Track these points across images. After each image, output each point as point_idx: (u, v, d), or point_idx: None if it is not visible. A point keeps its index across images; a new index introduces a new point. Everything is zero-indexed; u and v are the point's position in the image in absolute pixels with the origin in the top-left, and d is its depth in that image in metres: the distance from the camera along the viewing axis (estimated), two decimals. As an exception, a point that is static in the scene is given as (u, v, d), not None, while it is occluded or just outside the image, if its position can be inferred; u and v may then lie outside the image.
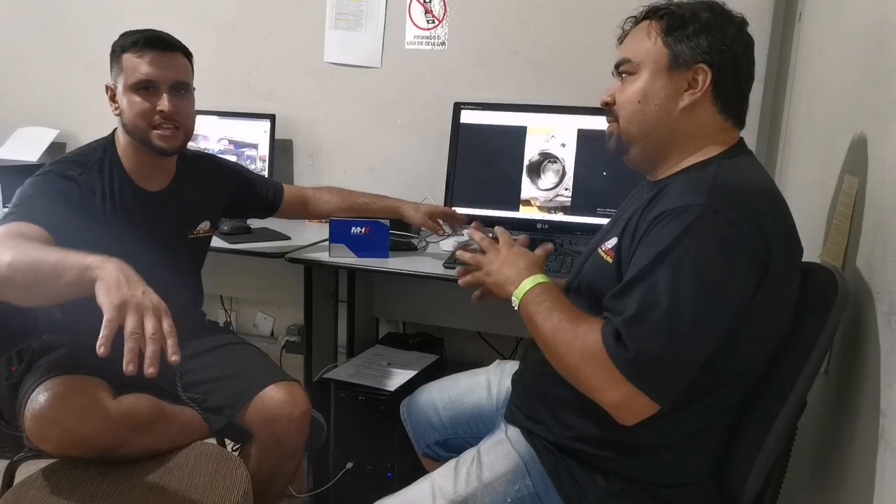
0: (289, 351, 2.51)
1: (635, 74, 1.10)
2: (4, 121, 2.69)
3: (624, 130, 1.12)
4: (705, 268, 0.94)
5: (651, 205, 1.04)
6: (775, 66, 1.95)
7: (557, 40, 2.14)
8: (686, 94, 1.06)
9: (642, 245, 1.00)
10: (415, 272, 1.79)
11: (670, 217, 0.97)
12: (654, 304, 0.94)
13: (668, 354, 0.94)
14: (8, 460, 1.42)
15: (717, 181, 1.00)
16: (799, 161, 1.67)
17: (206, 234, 1.65)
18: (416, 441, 1.50)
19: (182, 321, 1.58)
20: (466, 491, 1.12)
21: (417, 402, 1.50)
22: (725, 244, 0.94)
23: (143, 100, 1.43)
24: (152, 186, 1.53)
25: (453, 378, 1.52)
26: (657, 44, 1.08)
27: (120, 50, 1.45)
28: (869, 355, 1.00)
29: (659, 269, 0.95)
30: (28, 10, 2.70)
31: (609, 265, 1.08)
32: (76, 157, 1.46)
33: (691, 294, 0.93)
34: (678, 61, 1.06)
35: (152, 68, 1.43)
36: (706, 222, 0.94)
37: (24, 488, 1.23)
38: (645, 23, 1.11)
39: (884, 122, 1.03)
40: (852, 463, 1.02)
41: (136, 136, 1.46)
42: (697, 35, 1.05)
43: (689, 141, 1.09)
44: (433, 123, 2.26)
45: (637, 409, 0.97)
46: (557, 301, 1.08)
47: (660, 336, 0.93)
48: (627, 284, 0.99)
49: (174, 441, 1.37)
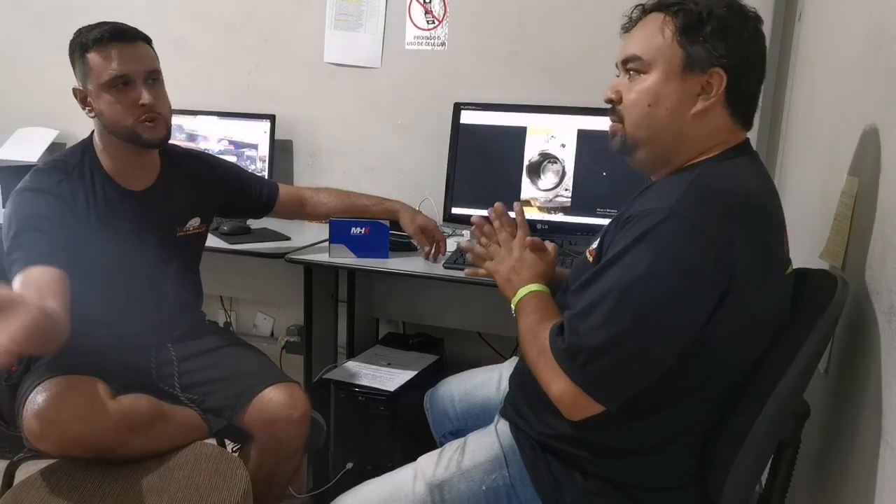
0: (289, 351, 2.51)
1: (645, 74, 1.04)
2: (4, 121, 2.69)
3: (630, 133, 1.07)
4: (655, 276, 0.93)
5: (631, 206, 1.03)
6: (775, 66, 1.94)
7: (557, 40, 2.14)
8: (699, 99, 1.01)
9: (609, 247, 1.01)
10: (415, 272, 1.79)
11: (636, 220, 0.96)
12: (598, 304, 0.95)
13: (606, 353, 0.95)
14: (8, 460, 1.43)
15: (693, 185, 0.97)
16: (799, 161, 1.67)
17: (196, 230, 1.63)
18: (434, 430, 1.53)
19: (181, 321, 1.60)
20: (444, 475, 1.14)
21: (438, 392, 1.53)
22: (682, 253, 0.92)
23: (120, 96, 1.40)
24: (136, 185, 1.51)
25: (474, 371, 1.55)
26: (671, 42, 1.01)
27: (81, 49, 1.41)
28: (869, 355, 0.99)
29: (611, 271, 0.96)
30: (28, 10, 2.70)
31: (590, 264, 1.07)
32: (55, 164, 1.44)
33: (635, 300, 0.93)
34: (693, 64, 1.00)
35: (123, 63, 1.39)
36: (667, 229, 0.92)
37: (24, 488, 1.23)
38: (657, 16, 1.04)
39: (884, 123, 1.03)
40: (853, 463, 1.02)
41: (122, 133, 1.43)
42: (714, 37, 0.99)
43: (697, 144, 1.05)
44: (433, 123, 2.25)
45: (578, 405, 0.98)
46: (540, 306, 1.12)
47: (596, 334, 0.95)
48: (583, 283, 1.01)
49: (173, 442, 1.37)
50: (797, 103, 1.78)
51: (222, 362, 1.55)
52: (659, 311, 0.93)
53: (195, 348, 1.57)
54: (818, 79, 1.55)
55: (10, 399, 1.39)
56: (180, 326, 1.59)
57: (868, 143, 1.09)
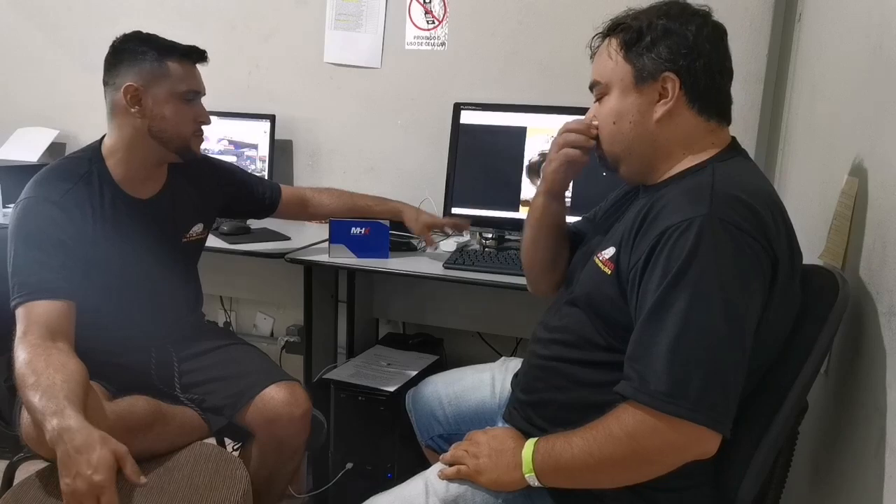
0: (289, 351, 2.51)
1: (607, 95, 1.11)
2: (4, 121, 2.69)
3: (607, 151, 1.13)
4: (725, 285, 0.92)
5: (650, 216, 1.01)
6: (775, 66, 1.95)
7: (557, 40, 2.14)
8: (658, 106, 1.05)
9: (651, 267, 0.97)
10: (415, 272, 1.79)
11: (677, 234, 0.94)
12: (683, 333, 0.92)
13: (711, 379, 0.92)
14: (8, 460, 1.43)
15: (716, 188, 0.97)
16: (799, 161, 1.67)
17: (199, 237, 1.63)
18: (419, 432, 1.49)
19: (182, 324, 1.60)
20: (458, 490, 1.10)
21: (423, 394, 1.49)
22: (737, 255, 0.93)
23: (187, 109, 1.47)
24: (143, 194, 1.50)
25: (459, 371, 1.51)
26: (619, 62, 1.08)
27: (160, 55, 1.42)
28: (869, 356, 1.00)
29: (678, 295, 0.93)
30: (28, 10, 2.70)
31: (608, 276, 1.06)
32: (61, 172, 1.42)
33: (719, 315, 0.91)
34: (643, 75, 1.06)
35: (198, 80, 1.50)
36: (714, 236, 0.92)
37: (24, 488, 1.23)
38: (608, 41, 1.11)
39: (883, 123, 1.03)
40: (853, 463, 1.02)
41: (174, 141, 1.46)
42: (656, 45, 1.04)
43: (676, 147, 1.07)
44: (433, 123, 2.26)
45: (704, 442, 0.94)
46: (560, 436, 1.03)
47: (698, 365, 0.91)
48: (650, 318, 0.95)
49: (173, 442, 1.37)
50: (797, 103, 1.78)
51: (223, 362, 1.55)
52: (740, 317, 0.93)
53: (195, 349, 1.57)
54: (818, 79, 1.55)
55: (10, 399, 1.39)
56: (181, 329, 1.59)
57: (868, 143, 1.09)
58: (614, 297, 1.04)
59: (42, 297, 1.29)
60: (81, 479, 1.07)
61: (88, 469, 1.07)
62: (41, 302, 1.28)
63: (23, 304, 1.29)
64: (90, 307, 1.35)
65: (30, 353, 1.22)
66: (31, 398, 1.16)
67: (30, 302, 1.28)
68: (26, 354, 1.22)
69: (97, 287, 1.40)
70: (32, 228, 1.35)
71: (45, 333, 1.26)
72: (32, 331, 1.26)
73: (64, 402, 1.14)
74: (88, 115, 2.46)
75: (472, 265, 1.79)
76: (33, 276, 1.31)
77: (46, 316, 1.28)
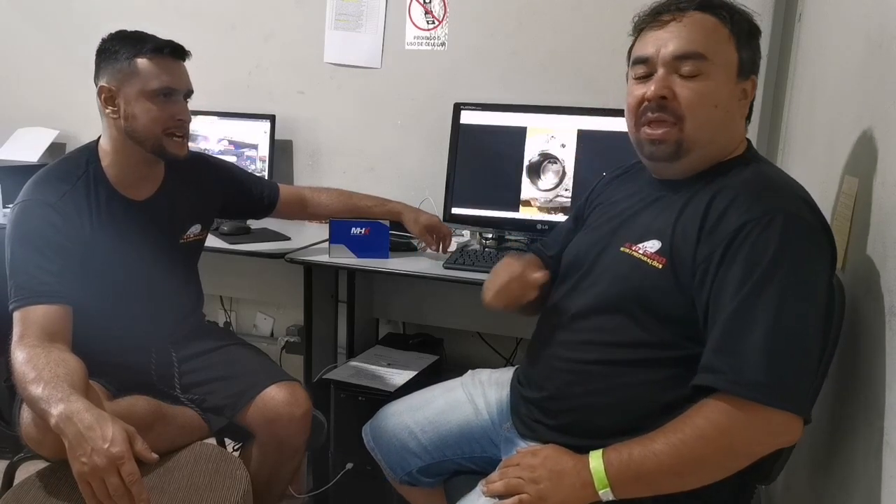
0: (289, 351, 2.51)
1: (702, 74, 1.01)
2: (4, 121, 2.69)
3: (690, 135, 1.02)
4: (810, 276, 0.95)
5: (715, 209, 0.99)
6: (775, 66, 1.95)
7: (557, 40, 2.14)
8: (739, 105, 1.06)
9: (730, 260, 0.95)
10: (415, 273, 1.80)
11: (758, 228, 0.94)
12: (777, 324, 0.92)
13: (803, 368, 0.94)
14: (8, 461, 1.43)
15: (775, 183, 1.01)
16: (799, 161, 1.67)
17: (197, 237, 1.62)
18: (390, 470, 1.38)
19: (182, 325, 1.60)
20: None
21: (386, 427, 1.37)
22: (817, 250, 0.96)
23: (161, 106, 1.42)
24: (140, 195, 1.49)
25: (421, 396, 1.39)
26: (730, 47, 1.02)
27: (131, 53, 1.41)
28: (869, 356, 0.99)
29: (770, 288, 0.93)
30: (28, 10, 2.70)
31: (658, 270, 1.03)
32: (59, 174, 1.42)
33: (809, 306, 0.94)
34: (743, 70, 1.04)
35: (173, 76, 1.44)
36: (795, 231, 0.94)
37: (24, 489, 1.23)
38: (706, 18, 1.02)
39: (884, 123, 1.03)
40: (853, 464, 1.02)
41: (147, 141, 1.43)
42: (757, 46, 1.05)
43: (727, 148, 1.08)
44: (433, 123, 2.26)
45: (794, 430, 0.95)
46: (633, 444, 0.98)
47: (793, 356, 0.93)
48: (740, 310, 0.94)
49: (174, 442, 1.37)
50: (797, 103, 1.78)
51: (223, 362, 1.55)
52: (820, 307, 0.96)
53: (196, 349, 1.57)
54: (818, 79, 1.55)
55: (10, 399, 1.39)
56: (181, 330, 1.59)
57: (868, 143, 1.09)
58: (668, 290, 1.01)
59: (39, 302, 1.29)
60: (98, 453, 1.06)
61: (104, 443, 1.07)
62: (38, 306, 1.28)
63: (20, 307, 1.29)
64: (89, 309, 1.35)
65: (28, 353, 1.22)
66: (33, 391, 1.15)
67: (27, 306, 1.28)
68: (25, 354, 1.22)
69: (96, 289, 1.40)
70: (30, 231, 1.34)
71: (43, 335, 1.26)
72: (30, 334, 1.26)
73: (69, 389, 1.14)
74: (88, 115, 2.41)
75: (473, 265, 1.79)
76: (31, 280, 1.31)
77: (44, 320, 1.28)
